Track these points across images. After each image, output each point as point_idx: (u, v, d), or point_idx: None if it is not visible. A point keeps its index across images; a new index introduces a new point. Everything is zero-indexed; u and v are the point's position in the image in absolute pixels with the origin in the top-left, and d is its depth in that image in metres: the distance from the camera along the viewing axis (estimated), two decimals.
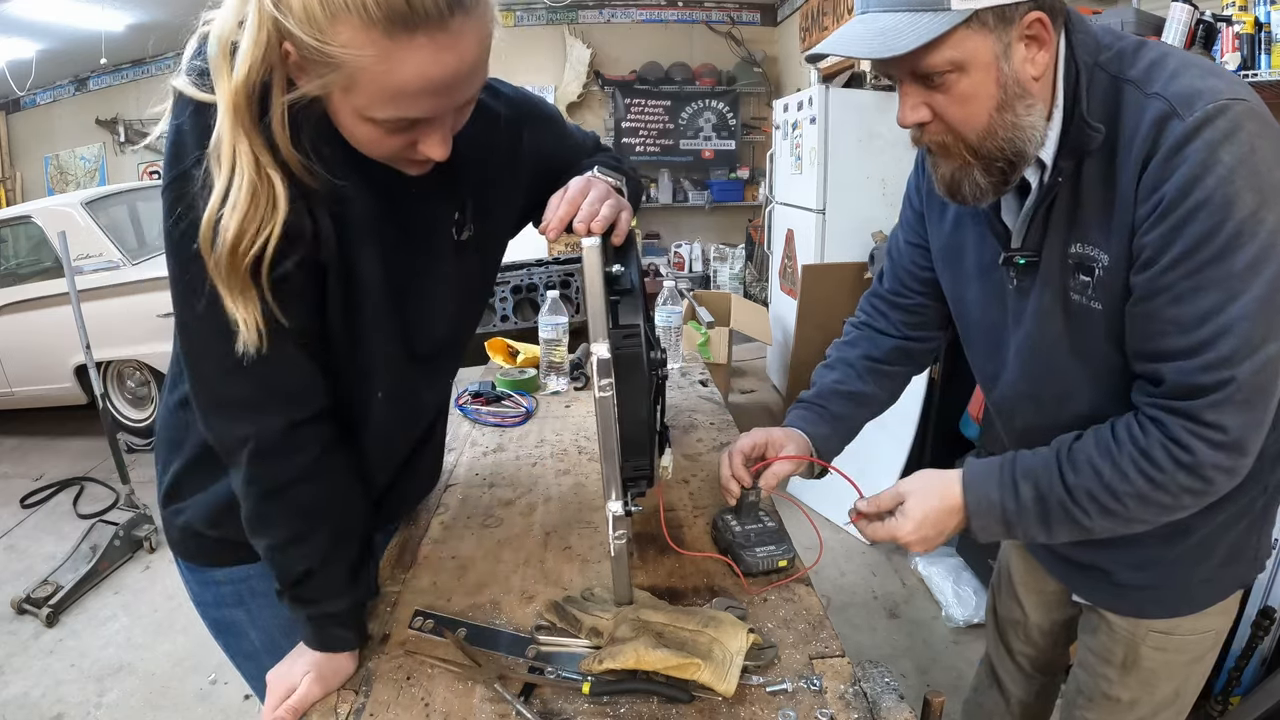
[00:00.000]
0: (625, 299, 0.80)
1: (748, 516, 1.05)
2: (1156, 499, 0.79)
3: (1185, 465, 0.76)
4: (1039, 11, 0.75)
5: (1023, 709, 1.34)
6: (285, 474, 0.79)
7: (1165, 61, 0.76)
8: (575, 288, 2.54)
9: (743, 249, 6.65)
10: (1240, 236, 0.70)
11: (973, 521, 0.88)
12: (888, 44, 0.74)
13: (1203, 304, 0.72)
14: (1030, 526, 0.85)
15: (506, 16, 6.23)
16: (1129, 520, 0.82)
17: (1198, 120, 0.70)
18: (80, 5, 5.27)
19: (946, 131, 0.81)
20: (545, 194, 0.95)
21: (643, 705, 0.77)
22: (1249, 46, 1.95)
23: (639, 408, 0.81)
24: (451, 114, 0.72)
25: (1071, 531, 0.84)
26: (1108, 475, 0.80)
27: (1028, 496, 0.84)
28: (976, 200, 0.85)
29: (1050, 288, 0.87)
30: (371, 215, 0.80)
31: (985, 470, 0.88)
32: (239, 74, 0.64)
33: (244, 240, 0.67)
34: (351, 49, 0.61)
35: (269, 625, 0.99)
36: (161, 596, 2.69)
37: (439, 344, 0.96)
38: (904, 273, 1.13)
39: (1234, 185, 0.69)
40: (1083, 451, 0.82)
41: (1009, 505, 0.85)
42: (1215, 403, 0.74)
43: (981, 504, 0.87)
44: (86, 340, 2.97)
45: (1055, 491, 0.83)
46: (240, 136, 0.66)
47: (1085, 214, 0.81)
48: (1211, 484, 0.77)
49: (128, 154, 7.12)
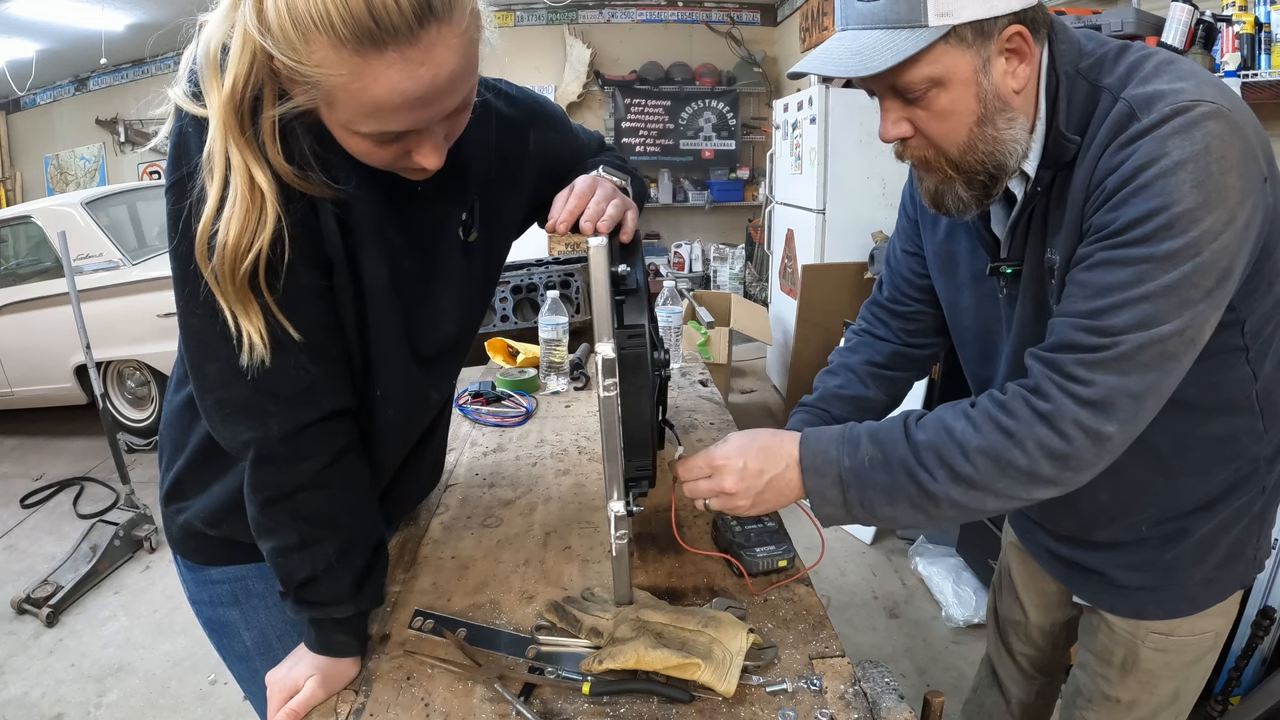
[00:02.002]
0: (630, 299, 0.80)
1: (748, 516, 1.05)
2: (1010, 458, 0.73)
3: (1042, 414, 0.72)
4: (1019, 25, 0.75)
5: (1023, 709, 1.34)
6: (290, 481, 0.79)
7: (1142, 65, 0.76)
8: (575, 288, 2.54)
9: (743, 249, 6.65)
10: (1171, 229, 0.69)
11: (807, 482, 0.82)
12: (865, 63, 0.74)
13: (1111, 277, 0.71)
14: (870, 493, 0.79)
15: (506, 16, 6.25)
16: (981, 490, 0.75)
17: (1153, 120, 0.70)
18: (80, 5, 5.27)
19: (928, 146, 0.82)
20: (551, 194, 0.96)
21: (643, 705, 0.77)
22: (1249, 46, 1.95)
23: (643, 407, 0.81)
24: (441, 124, 0.72)
25: (916, 505, 0.78)
26: (959, 431, 0.75)
27: (867, 454, 0.78)
28: (960, 213, 0.85)
29: (1031, 295, 0.87)
30: (377, 217, 0.80)
31: (827, 429, 0.84)
32: (226, 87, 0.65)
33: (240, 250, 0.68)
34: (325, 68, 0.62)
35: (263, 627, 0.99)
36: (161, 597, 2.69)
37: (444, 344, 0.96)
38: (901, 280, 1.13)
39: (1177, 178, 0.68)
40: (934, 414, 0.79)
41: (844, 463, 0.80)
42: (1086, 361, 0.72)
43: (816, 459, 0.81)
44: (86, 340, 2.97)
45: (898, 450, 0.77)
46: (231, 147, 0.66)
47: (1052, 219, 0.82)
48: (1070, 443, 0.72)
49: (128, 154, 7.12)
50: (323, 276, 0.77)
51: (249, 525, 0.82)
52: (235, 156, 0.67)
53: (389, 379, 0.89)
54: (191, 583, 1.01)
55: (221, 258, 0.67)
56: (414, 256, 0.86)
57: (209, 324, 0.72)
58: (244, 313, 0.71)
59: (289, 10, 0.60)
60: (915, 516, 0.79)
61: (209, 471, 0.90)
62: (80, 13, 5.40)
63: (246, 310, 0.71)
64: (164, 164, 0.73)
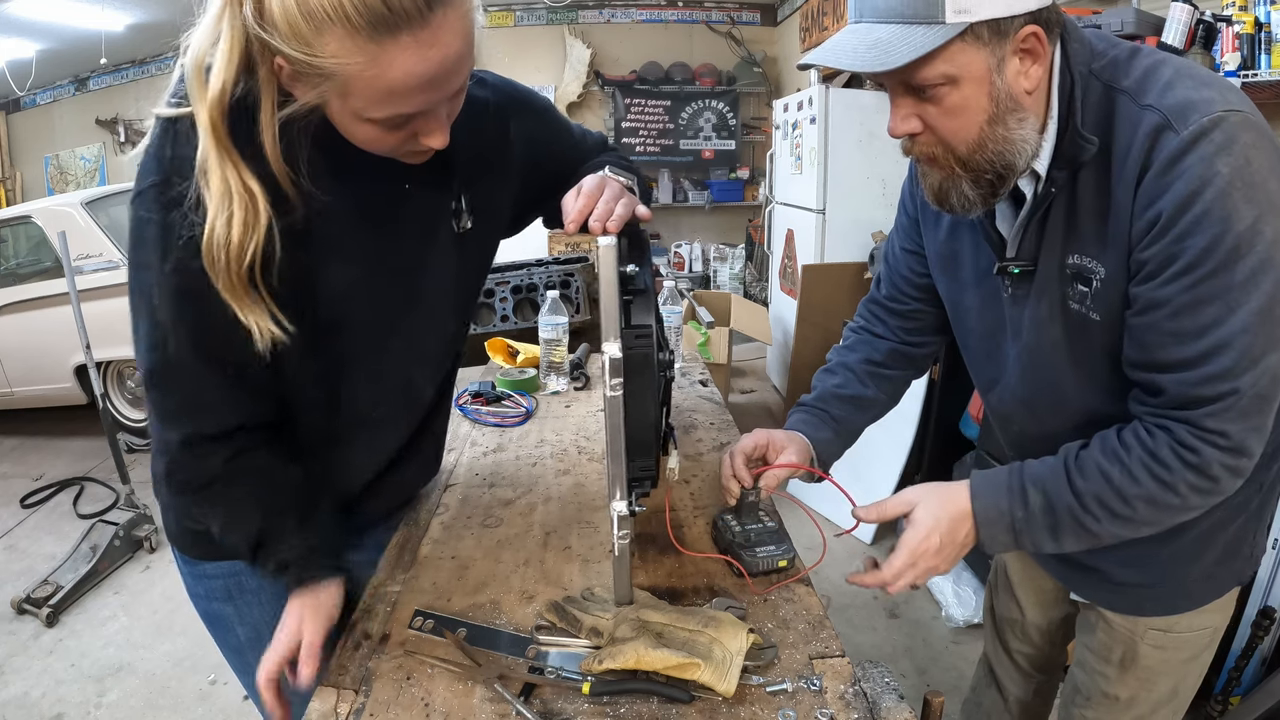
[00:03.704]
0: (638, 299, 0.81)
1: (748, 517, 1.05)
2: (1165, 500, 0.79)
3: (1192, 465, 0.77)
4: (1034, 25, 0.75)
5: (1021, 708, 1.34)
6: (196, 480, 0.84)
7: (1159, 70, 0.76)
8: (575, 288, 2.55)
9: (743, 249, 6.65)
10: (1239, 249, 0.70)
11: (981, 531, 0.87)
12: (881, 57, 0.74)
13: (1202, 318, 0.73)
14: (1038, 534, 0.85)
15: (506, 16, 6.25)
16: (1137, 525, 0.82)
17: (1193, 134, 0.70)
18: (80, 5, 5.27)
19: (936, 143, 0.81)
20: (543, 188, 0.98)
21: (643, 705, 0.77)
22: (1249, 46, 1.95)
23: (647, 408, 0.81)
24: (446, 103, 0.74)
25: (1079, 539, 0.84)
26: (1117, 479, 0.80)
27: (1036, 504, 0.84)
28: (964, 210, 0.85)
29: (1048, 297, 0.87)
30: (364, 218, 0.82)
31: (993, 479, 0.88)
32: (213, 90, 0.66)
33: (244, 250, 0.70)
34: (340, 58, 0.63)
35: (256, 622, 1.02)
36: (161, 597, 2.69)
37: (442, 336, 0.98)
38: (900, 279, 1.13)
39: (1231, 198, 0.69)
40: (1090, 458, 0.82)
41: (1018, 514, 0.85)
42: (1215, 412, 0.74)
43: (990, 512, 0.87)
44: (86, 340, 2.97)
45: (1064, 498, 0.83)
46: (223, 153, 0.68)
47: (1082, 225, 0.81)
48: (1218, 482, 0.78)
49: (128, 154, 7.05)
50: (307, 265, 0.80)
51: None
52: (227, 161, 0.68)
53: (377, 376, 0.91)
54: (188, 576, 1.04)
55: (230, 259, 0.70)
56: (405, 253, 0.88)
57: (143, 326, 0.77)
58: (252, 310, 0.73)
59: (298, 5, 0.61)
60: (1079, 545, 0.86)
61: None
62: (80, 13, 5.40)
63: (254, 307, 0.73)
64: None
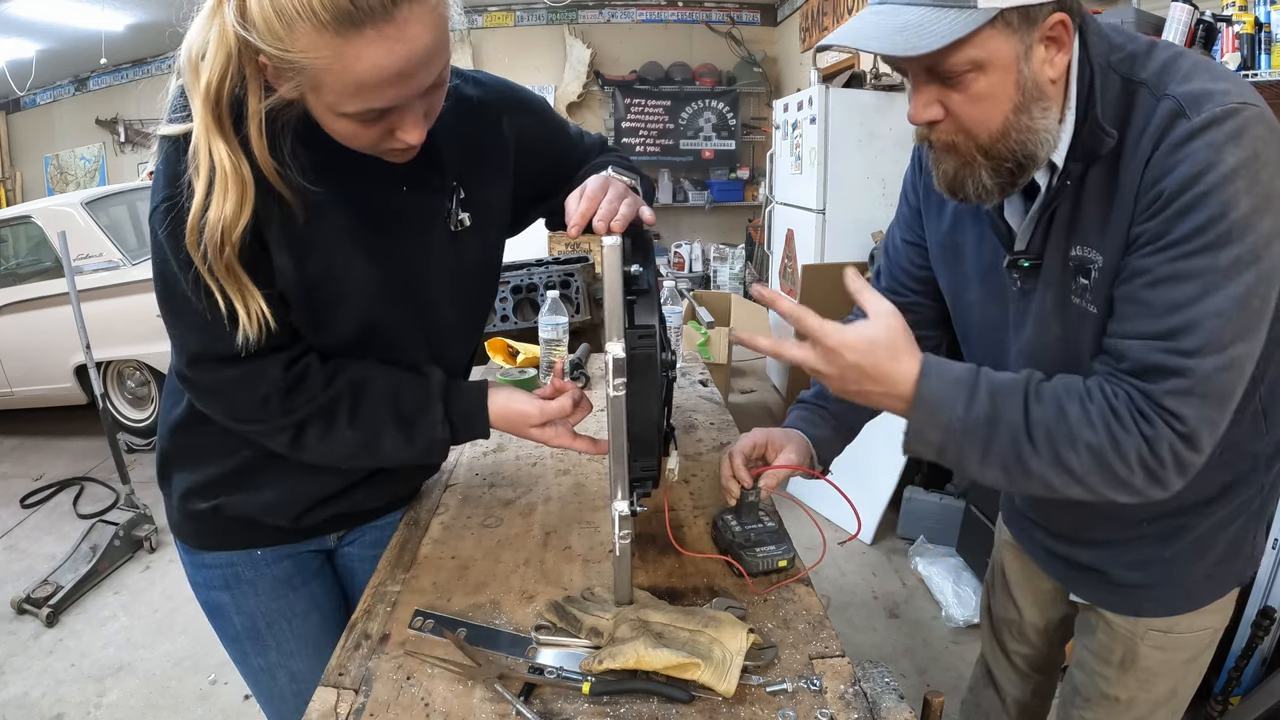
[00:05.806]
0: (642, 299, 0.80)
1: (748, 516, 1.05)
2: (1112, 463, 0.75)
3: (1146, 437, 0.74)
4: (1062, 13, 0.74)
5: (1019, 708, 1.34)
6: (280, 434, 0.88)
7: (1178, 63, 0.75)
8: (575, 288, 2.55)
9: (743, 249, 6.65)
10: (1230, 235, 0.69)
11: (912, 415, 0.79)
12: (910, 41, 0.72)
13: (1178, 293, 0.72)
14: (967, 448, 0.78)
15: (506, 16, 6.26)
16: (1070, 479, 0.76)
17: (1205, 120, 0.70)
18: (80, 5, 5.27)
19: (957, 131, 0.80)
20: (542, 185, 0.98)
21: (643, 705, 0.77)
22: (1249, 46, 1.95)
23: (650, 408, 0.81)
24: (421, 99, 0.75)
25: (1003, 473, 0.78)
26: (1074, 418, 0.75)
27: (981, 412, 0.77)
28: (980, 200, 0.83)
29: (1052, 291, 0.86)
30: (356, 216, 0.85)
31: (949, 367, 0.80)
32: (204, 81, 0.70)
33: (232, 229, 0.73)
34: (310, 53, 0.66)
35: (252, 613, 1.06)
36: (161, 597, 2.69)
37: (446, 333, 1.00)
38: (900, 271, 1.12)
39: (1234, 185, 0.69)
40: (1051, 390, 0.78)
41: (957, 412, 0.77)
42: (1173, 390, 0.72)
43: (931, 398, 0.78)
44: (86, 340, 2.97)
45: (1013, 417, 0.77)
46: (214, 139, 0.72)
47: (1086, 216, 0.81)
48: (1164, 466, 0.74)
49: (128, 154, 7.12)
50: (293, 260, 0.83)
51: (240, 498, 0.93)
52: (218, 147, 0.72)
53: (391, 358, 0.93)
54: (189, 565, 1.07)
55: (214, 240, 0.73)
56: (401, 252, 0.90)
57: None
58: (239, 293, 0.77)
59: (271, 3, 0.65)
60: (998, 480, 0.79)
61: (200, 432, 0.96)
62: (80, 13, 5.41)
63: (242, 291, 0.77)
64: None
